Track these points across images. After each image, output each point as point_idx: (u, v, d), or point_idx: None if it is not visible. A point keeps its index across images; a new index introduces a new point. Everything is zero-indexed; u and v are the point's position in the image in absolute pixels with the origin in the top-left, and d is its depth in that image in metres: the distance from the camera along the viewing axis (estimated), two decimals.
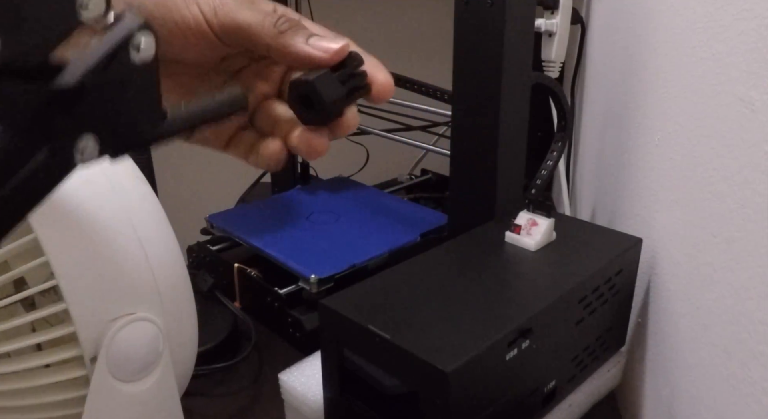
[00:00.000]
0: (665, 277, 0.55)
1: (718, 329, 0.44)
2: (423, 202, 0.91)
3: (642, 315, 0.60)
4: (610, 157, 0.74)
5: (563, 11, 0.75)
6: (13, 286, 0.40)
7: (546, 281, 0.49)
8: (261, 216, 0.81)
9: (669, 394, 0.52)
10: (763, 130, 0.37)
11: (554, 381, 0.50)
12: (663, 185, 0.55)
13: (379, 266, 0.70)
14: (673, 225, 0.53)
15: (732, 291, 0.42)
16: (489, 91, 0.57)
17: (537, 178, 0.71)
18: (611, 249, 0.53)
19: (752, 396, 0.39)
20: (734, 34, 0.41)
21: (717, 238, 0.44)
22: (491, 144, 0.59)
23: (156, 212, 0.43)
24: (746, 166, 0.39)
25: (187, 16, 0.30)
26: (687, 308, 0.49)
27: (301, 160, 0.98)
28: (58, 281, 0.37)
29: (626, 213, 0.66)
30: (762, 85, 0.37)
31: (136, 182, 0.43)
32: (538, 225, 0.53)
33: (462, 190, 0.63)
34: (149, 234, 0.41)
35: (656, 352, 0.56)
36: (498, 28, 0.55)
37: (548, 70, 0.78)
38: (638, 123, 0.63)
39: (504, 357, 0.43)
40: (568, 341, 0.50)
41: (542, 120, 0.81)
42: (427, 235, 0.75)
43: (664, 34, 0.56)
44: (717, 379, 0.44)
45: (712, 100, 0.45)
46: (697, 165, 0.47)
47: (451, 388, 0.39)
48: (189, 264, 0.79)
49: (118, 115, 0.23)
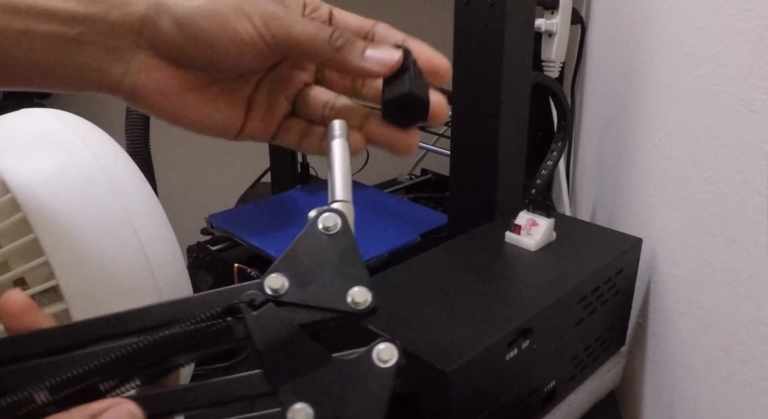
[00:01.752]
0: (665, 277, 0.55)
1: (718, 329, 0.44)
2: (423, 202, 0.91)
3: (642, 315, 0.60)
4: (610, 156, 0.74)
5: (563, 11, 0.75)
6: (13, 286, 0.40)
7: (546, 281, 0.49)
8: (261, 216, 0.81)
9: (669, 394, 0.52)
10: (763, 130, 0.37)
11: (554, 381, 0.50)
12: (663, 185, 0.55)
13: (379, 266, 0.70)
14: (673, 225, 0.53)
15: (732, 291, 0.42)
16: (489, 91, 0.57)
17: (537, 178, 0.71)
18: (611, 249, 0.53)
19: (752, 396, 0.39)
20: (734, 34, 0.41)
21: (717, 238, 0.44)
22: (491, 144, 0.59)
23: (156, 212, 0.43)
24: (746, 166, 0.39)
25: (240, 31, 0.29)
26: (687, 308, 0.49)
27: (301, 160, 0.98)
28: (58, 281, 0.37)
29: (626, 213, 0.66)
30: (762, 85, 0.37)
31: (136, 182, 0.43)
32: (538, 225, 0.53)
33: (462, 190, 0.63)
34: (149, 234, 0.41)
35: (656, 352, 0.56)
36: (498, 28, 0.55)
37: (548, 70, 0.78)
38: (638, 123, 0.63)
39: (504, 357, 0.43)
40: (568, 341, 0.50)
41: (542, 120, 0.81)
42: (427, 235, 0.74)
43: (664, 34, 0.56)
44: (717, 379, 0.44)
45: (712, 100, 0.45)
46: (697, 165, 0.47)
47: (451, 388, 0.39)
48: (189, 264, 0.79)
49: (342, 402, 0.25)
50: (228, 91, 0.33)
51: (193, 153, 1.27)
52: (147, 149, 0.72)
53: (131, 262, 0.40)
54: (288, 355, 0.25)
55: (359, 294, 0.26)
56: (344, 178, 0.30)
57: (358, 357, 0.25)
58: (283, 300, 0.26)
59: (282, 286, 0.26)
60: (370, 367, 0.25)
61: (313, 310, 0.26)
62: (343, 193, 0.29)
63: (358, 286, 0.26)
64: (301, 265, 0.27)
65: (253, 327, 0.25)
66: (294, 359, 0.25)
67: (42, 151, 0.41)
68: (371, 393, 0.25)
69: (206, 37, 0.29)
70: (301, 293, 0.26)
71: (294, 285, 0.26)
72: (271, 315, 0.26)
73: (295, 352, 0.25)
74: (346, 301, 0.26)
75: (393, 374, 0.25)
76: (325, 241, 0.27)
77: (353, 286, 0.26)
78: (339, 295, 0.26)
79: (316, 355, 0.25)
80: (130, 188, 0.42)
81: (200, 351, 0.25)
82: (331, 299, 0.26)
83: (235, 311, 0.26)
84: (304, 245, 0.27)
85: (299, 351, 0.25)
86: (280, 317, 0.25)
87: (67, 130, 0.42)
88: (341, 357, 0.25)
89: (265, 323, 0.25)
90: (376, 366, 0.25)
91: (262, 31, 0.30)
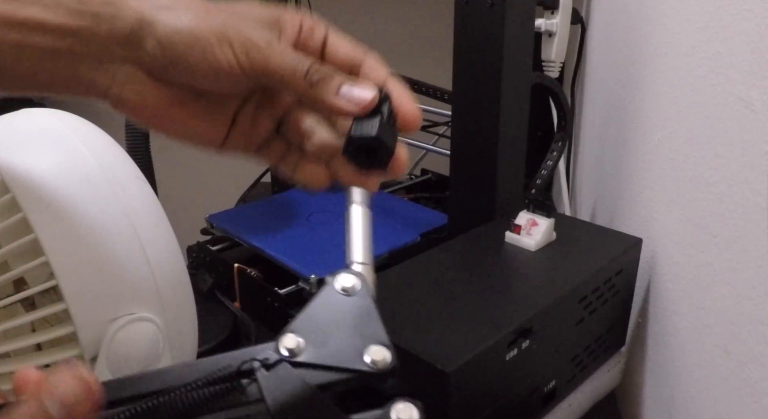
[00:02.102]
0: (665, 277, 0.55)
1: (718, 329, 0.44)
2: (423, 202, 0.91)
3: (642, 315, 0.60)
4: (610, 157, 0.74)
5: (563, 11, 0.75)
6: (13, 286, 0.40)
7: (546, 281, 0.49)
8: (261, 216, 0.81)
9: (669, 394, 0.52)
10: (763, 130, 0.37)
11: (554, 381, 0.50)
12: (663, 185, 0.55)
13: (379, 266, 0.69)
14: (673, 225, 0.53)
15: (732, 291, 0.42)
16: (489, 91, 0.57)
17: (537, 178, 0.71)
18: (611, 249, 0.53)
19: (752, 396, 0.39)
20: (734, 34, 0.41)
21: (717, 238, 0.44)
22: (491, 144, 0.59)
23: (156, 212, 0.43)
24: (746, 166, 0.39)
25: (220, 57, 0.30)
26: (687, 308, 0.49)
27: None
28: (58, 281, 0.37)
29: (626, 213, 0.66)
30: (762, 85, 0.37)
31: (136, 182, 0.43)
32: (538, 225, 0.53)
33: (462, 190, 0.63)
34: (149, 234, 0.41)
35: (656, 352, 0.56)
36: (498, 28, 0.55)
37: (548, 70, 0.78)
38: (638, 123, 0.63)
39: (504, 357, 0.43)
40: (568, 341, 0.50)
41: (542, 120, 0.81)
42: (427, 235, 0.74)
43: (664, 34, 0.56)
44: (717, 379, 0.44)
45: (712, 100, 0.45)
46: (697, 165, 0.47)
47: (451, 388, 0.39)
48: (189, 264, 0.79)
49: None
50: (212, 106, 0.33)
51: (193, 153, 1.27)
52: (147, 149, 0.72)
53: (131, 262, 0.40)
54: (302, 417, 0.24)
55: (377, 353, 0.25)
56: (364, 242, 0.30)
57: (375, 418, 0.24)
58: (298, 361, 0.25)
59: (297, 346, 0.25)
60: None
61: (330, 371, 0.25)
62: (363, 256, 0.29)
63: (376, 345, 0.25)
64: (317, 326, 0.26)
65: (265, 387, 0.24)
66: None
67: (42, 151, 0.41)
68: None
69: (186, 62, 0.30)
70: (317, 353, 0.25)
71: (310, 345, 0.25)
72: (284, 375, 0.25)
73: (309, 414, 0.24)
74: (364, 360, 0.25)
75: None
76: (343, 302, 0.26)
77: (371, 345, 0.25)
78: (356, 355, 0.25)
79: (332, 417, 0.24)
80: (130, 188, 0.42)
81: (213, 415, 0.24)
82: (348, 359, 0.25)
83: (249, 373, 0.25)
84: (321, 306, 0.26)
85: (314, 413, 0.24)
86: (294, 377, 0.25)
87: (67, 130, 0.42)
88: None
89: (279, 383, 0.24)
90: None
91: (241, 60, 0.30)
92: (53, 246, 0.37)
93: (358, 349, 0.25)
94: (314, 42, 0.34)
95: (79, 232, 0.38)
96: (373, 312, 0.26)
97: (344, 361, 0.25)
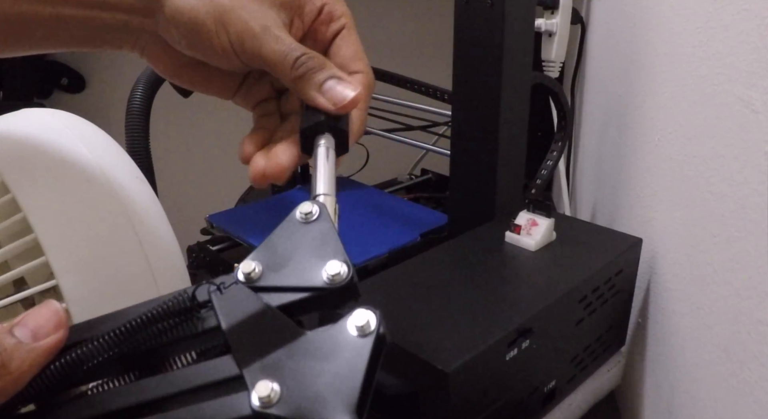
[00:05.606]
0: (665, 277, 0.54)
1: (718, 329, 0.44)
2: (423, 202, 0.91)
3: (642, 315, 0.60)
4: (610, 157, 0.74)
5: (563, 11, 0.75)
6: (13, 286, 0.40)
7: (546, 281, 0.49)
8: (261, 216, 0.81)
9: (669, 394, 0.52)
10: (763, 130, 0.37)
11: (554, 381, 0.50)
12: (663, 185, 0.55)
13: (379, 266, 0.70)
14: (673, 225, 0.53)
15: (732, 291, 0.42)
16: (489, 91, 0.57)
17: (537, 178, 0.71)
18: (611, 249, 0.53)
19: (752, 396, 0.39)
20: (734, 34, 0.41)
21: (717, 238, 0.44)
22: (491, 144, 0.59)
23: (156, 212, 0.43)
24: (746, 166, 0.39)
25: (216, 43, 0.32)
26: (687, 308, 0.49)
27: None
28: (58, 281, 0.37)
29: (626, 213, 0.66)
30: (762, 85, 0.37)
31: (136, 182, 0.43)
32: (538, 225, 0.53)
33: (462, 190, 0.63)
34: (149, 234, 0.41)
35: (656, 352, 0.56)
36: (498, 28, 0.55)
37: (548, 70, 0.78)
38: (638, 123, 0.63)
39: (504, 357, 0.43)
40: (568, 341, 0.50)
41: (542, 120, 0.81)
42: (427, 235, 0.74)
43: (664, 34, 0.56)
44: (717, 379, 0.44)
45: (712, 100, 0.45)
46: (697, 165, 0.47)
47: (451, 388, 0.39)
48: (189, 264, 0.79)
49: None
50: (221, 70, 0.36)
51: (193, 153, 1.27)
52: (147, 149, 0.72)
53: (131, 262, 0.40)
54: (257, 335, 0.24)
55: (333, 267, 0.25)
56: (326, 175, 0.30)
57: (331, 329, 0.24)
58: (256, 286, 0.25)
59: (254, 271, 0.25)
60: (346, 338, 0.24)
61: (288, 291, 0.25)
62: (324, 187, 0.29)
63: (332, 261, 0.25)
64: (276, 252, 0.26)
65: (220, 309, 0.24)
66: (264, 338, 0.24)
67: (42, 151, 0.41)
68: (346, 365, 0.23)
69: (186, 41, 0.33)
70: (275, 277, 0.25)
71: (269, 270, 0.25)
72: (238, 296, 0.24)
73: (265, 331, 0.24)
74: (321, 278, 0.25)
75: (371, 344, 0.24)
76: (303, 229, 0.26)
77: (328, 261, 0.25)
78: (314, 273, 0.25)
79: (289, 332, 0.24)
80: (130, 188, 0.42)
81: (170, 339, 0.24)
82: (305, 278, 0.25)
83: (206, 303, 0.25)
84: (280, 235, 0.26)
85: (270, 330, 0.24)
86: (251, 297, 0.24)
87: (67, 130, 0.42)
88: (316, 332, 0.24)
89: (233, 304, 0.24)
90: (352, 337, 0.24)
91: (236, 47, 0.33)
92: (53, 246, 0.37)
93: (316, 268, 0.25)
94: (326, 31, 0.35)
95: (79, 232, 0.38)
96: (332, 234, 0.26)
97: (301, 281, 0.25)
